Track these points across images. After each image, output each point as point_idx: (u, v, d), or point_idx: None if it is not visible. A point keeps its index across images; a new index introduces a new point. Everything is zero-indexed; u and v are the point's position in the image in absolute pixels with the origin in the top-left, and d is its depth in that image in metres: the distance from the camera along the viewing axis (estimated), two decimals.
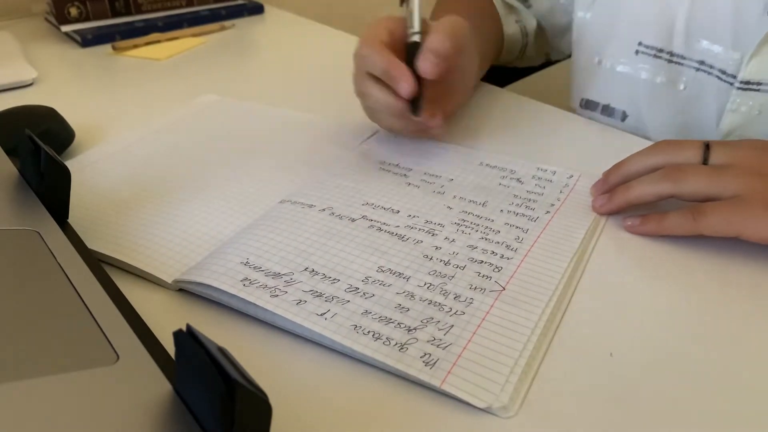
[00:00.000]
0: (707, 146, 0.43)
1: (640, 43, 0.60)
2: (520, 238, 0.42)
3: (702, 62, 0.57)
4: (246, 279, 0.36)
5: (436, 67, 0.47)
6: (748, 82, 0.54)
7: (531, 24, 0.73)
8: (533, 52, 0.76)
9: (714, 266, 0.41)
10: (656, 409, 0.31)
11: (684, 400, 0.32)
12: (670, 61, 0.59)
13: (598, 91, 0.66)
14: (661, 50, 0.59)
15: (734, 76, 0.55)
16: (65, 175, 0.39)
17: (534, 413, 0.31)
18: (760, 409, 0.31)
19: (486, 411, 0.30)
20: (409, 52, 0.49)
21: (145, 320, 0.31)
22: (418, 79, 0.47)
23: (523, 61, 0.78)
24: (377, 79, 0.48)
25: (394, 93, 0.48)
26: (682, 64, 0.58)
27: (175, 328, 0.25)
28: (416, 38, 0.49)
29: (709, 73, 0.57)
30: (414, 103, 0.48)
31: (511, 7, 0.73)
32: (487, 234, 0.42)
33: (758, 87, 0.54)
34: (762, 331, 0.36)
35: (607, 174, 0.47)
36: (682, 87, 0.59)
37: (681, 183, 0.41)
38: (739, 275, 0.40)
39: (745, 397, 0.32)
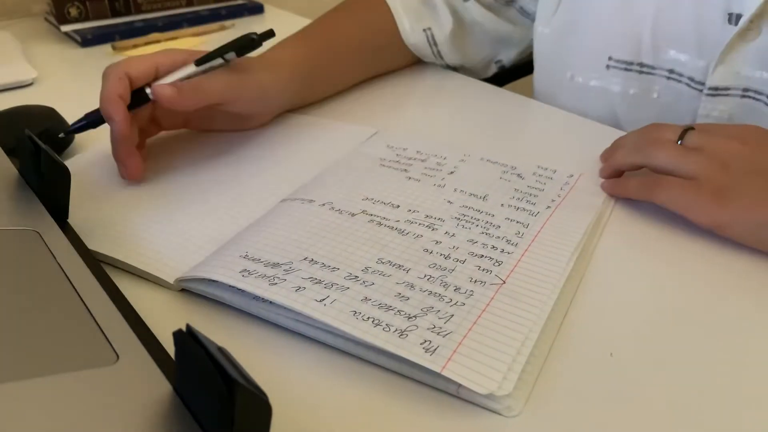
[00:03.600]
0: (687, 129, 0.45)
1: (610, 58, 0.61)
2: (521, 233, 0.42)
3: (672, 71, 0.57)
4: (245, 270, 0.36)
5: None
6: (716, 88, 0.54)
7: (444, 29, 0.68)
8: (452, 56, 0.70)
9: (717, 266, 0.41)
10: (657, 409, 0.31)
11: (686, 400, 0.32)
12: (641, 72, 0.59)
13: (573, 104, 0.65)
14: (630, 63, 0.60)
15: (703, 83, 0.55)
16: (65, 175, 0.39)
17: (537, 413, 0.31)
18: (761, 409, 0.31)
19: (494, 412, 0.30)
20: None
21: (145, 320, 0.31)
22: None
23: (464, 71, 0.73)
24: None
25: None
26: (653, 74, 0.59)
27: (175, 328, 0.25)
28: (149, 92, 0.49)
29: (679, 81, 0.57)
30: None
31: (422, 16, 0.68)
32: (488, 229, 0.42)
33: (726, 92, 0.54)
34: (765, 332, 0.36)
35: (608, 148, 0.51)
36: (655, 95, 0.59)
37: (650, 156, 0.45)
38: (742, 276, 0.40)
39: (746, 398, 0.32)
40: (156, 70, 0.49)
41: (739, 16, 0.52)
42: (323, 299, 0.34)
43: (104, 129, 0.48)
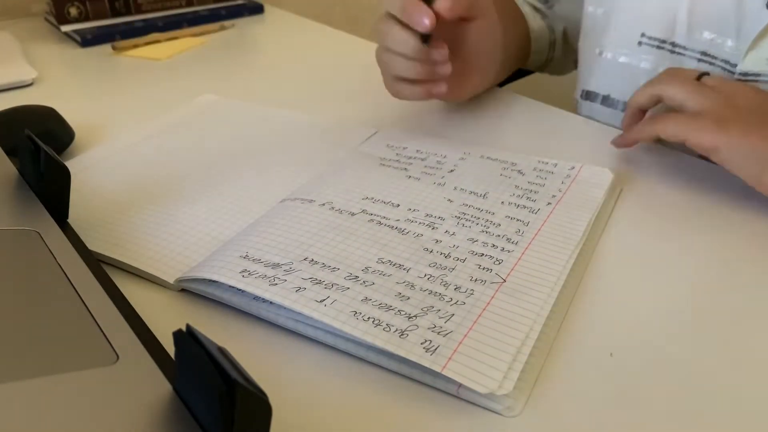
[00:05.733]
0: (704, 73, 0.49)
1: (643, 35, 0.61)
2: (521, 231, 0.42)
3: (704, 53, 0.57)
4: (245, 270, 0.36)
5: (453, 9, 0.49)
6: (746, 74, 0.54)
7: (558, 24, 0.73)
8: (561, 54, 0.75)
9: (718, 267, 0.41)
10: (657, 409, 0.31)
11: (686, 400, 0.32)
12: (672, 52, 0.59)
13: (598, 82, 0.65)
14: (663, 41, 0.60)
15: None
16: (65, 175, 0.39)
17: (537, 413, 0.31)
18: (761, 409, 0.31)
19: (494, 412, 0.30)
20: None
21: (145, 320, 0.31)
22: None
23: (553, 65, 0.77)
24: (397, 20, 0.51)
25: (411, 31, 0.50)
26: (684, 55, 0.59)
27: (175, 328, 0.25)
28: None
29: (712, 64, 0.57)
30: (425, 37, 0.50)
31: (536, 9, 0.73)
32: (488, 227, 0.42)
33: (757, 78, 0.54)
34: (764, 333, 0.36)
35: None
36: None
37: (664, 89, 0.49)
38: (743, 276, 0.40)
39: (746, 398, 0.32)
40: None
41: None
42: (323, 299, 0.34)
43: (101, 131, 0.48)
